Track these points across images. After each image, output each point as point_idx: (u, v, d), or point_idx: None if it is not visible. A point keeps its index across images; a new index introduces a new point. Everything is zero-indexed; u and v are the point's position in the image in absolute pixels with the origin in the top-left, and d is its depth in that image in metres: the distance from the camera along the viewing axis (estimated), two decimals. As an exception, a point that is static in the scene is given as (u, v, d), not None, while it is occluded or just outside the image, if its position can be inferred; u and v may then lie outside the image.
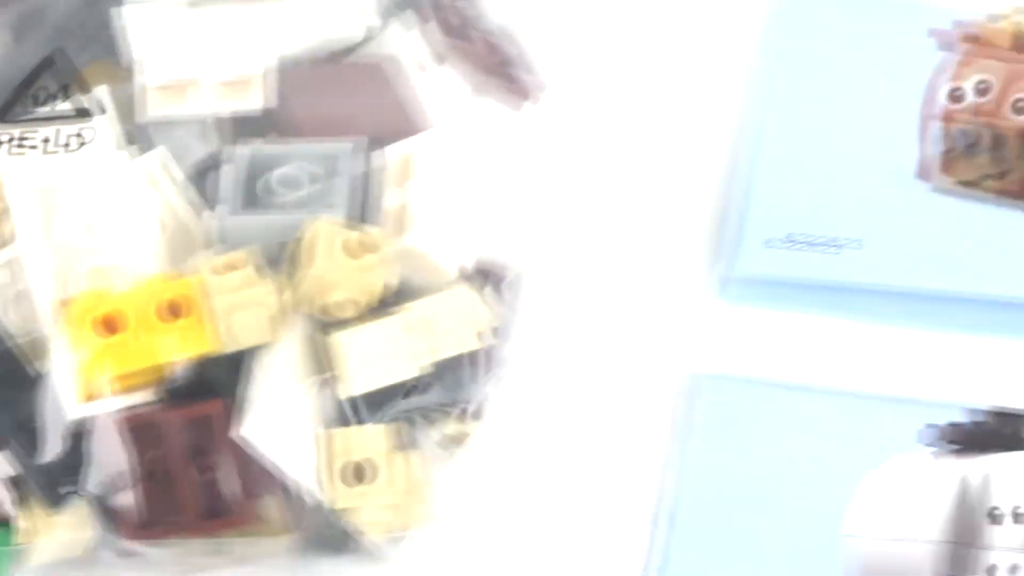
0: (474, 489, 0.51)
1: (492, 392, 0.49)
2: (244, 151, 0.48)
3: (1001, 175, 0.54)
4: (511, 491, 0.52)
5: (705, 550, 0.49)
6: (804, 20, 0.59)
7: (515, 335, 0.51)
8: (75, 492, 0.47)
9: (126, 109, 0.50)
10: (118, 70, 0.50)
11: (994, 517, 0.49)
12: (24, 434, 0.48)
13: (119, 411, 0.46)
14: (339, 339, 0.46)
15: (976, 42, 0.54)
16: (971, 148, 0.54)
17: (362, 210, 0.48)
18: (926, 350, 0.54)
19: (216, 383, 0.47)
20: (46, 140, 0.50)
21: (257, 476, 0.47)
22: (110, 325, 0.46)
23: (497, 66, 0.54)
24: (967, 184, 0.53)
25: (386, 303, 0.47)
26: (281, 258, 0.47)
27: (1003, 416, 0.51)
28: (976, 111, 0.54)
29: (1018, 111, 0.54)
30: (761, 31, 0.60)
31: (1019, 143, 0.54)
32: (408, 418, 0.48)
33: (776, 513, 0.50)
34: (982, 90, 0.54)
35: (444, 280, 0.48)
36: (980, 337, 0.53)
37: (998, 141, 0.54)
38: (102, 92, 0.50)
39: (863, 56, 0.57)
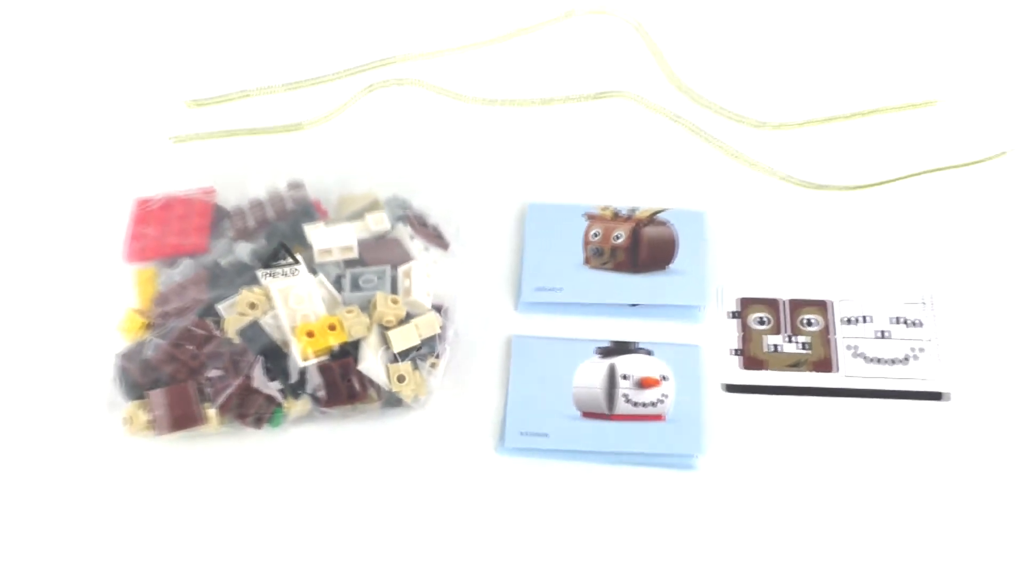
0: (440, 384, 0.80)
1: (443, 350, 0.80)
2: (349, 271, 0.81)
3: (607, 263, 0.87)
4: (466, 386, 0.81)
5: (526, 412, 0.80)
6: (540, 213, 0.90)
7: (448, 330, 0.81)
8: (303, 392, 0.78)
9: (309, 260, 0.81)
10: (305, 248, 0.82)
11: (622, 376, 0.81)
12: (283, 375, 0.78)
13: (315, 363, 0.77)
14: (389, 333, 0.78)
15: (594, 216, 0.88)
16: (597, 253, 0.87)
17: (393, 289, 0.80)
18: (592, 326, 0.84)
19: (349, 352, 0.78)
20: (282, 273, 0.79)
21: (366, 382, 0.78)
22: (310, 333, 0.77)
23: (434, 236, 0.85)
24: (598, 267, 0.87)
25: (403, 320, 0.79)
26: (367, 307, 0.79)
27: (619, 343, 0.83)
28: (598, 241, 0.88)
29: (616, 238, 0.87)
30: (527, 216, 0.89)
31: (613, 251, 0.87)
32: (416, 358, 0.79)
33: (553, 384, 0.81)
34: (598, 234, 0.88)
35: (424, 311, 0.80)
36: (616, 319, 0.85)
37: (606, 251, 0.87)
38: (300, 257, 0.80)
39: (563, 223, 0.89)
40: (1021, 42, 1.01)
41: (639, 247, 0.88)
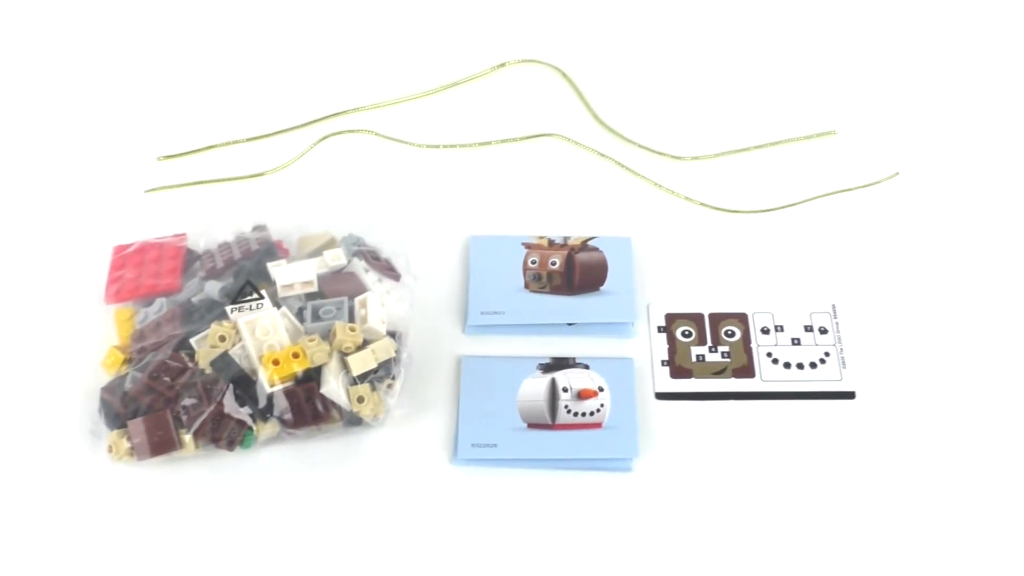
0: (397, 403, 0.79)
1: (399, 372, 0.79)
2: (310, 303, 0.81)
3: (545, 287, 0.87)
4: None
5: (476, 425, 0.79)
6: (482, 244, 0.90)
7: (402, 354, 0.80)
8: (272, 415, 0.78)
9: (273, 295, 0.80)
10: (269, 284, 0.81)
11: (562, 389, 0.82)
12: (252, 400, 0.77)
13: (281, 388, 0.77)
14: (349, 358, 0.77)
15: (532, 246, 0.89)
16: (536, 278, 0.87)
17: (350, 318, 0.80)
18: (534, 345, 0.84)
19: (312, 377, 0.78)
20: (249, 307, 0.79)
21: (329, 404, 0.77)
22: (275, 361, 0.77)
23: (387, 268, 0.85)
24: (537, 291, 0.87)
25: (361, 346, 0.78)
26: (327, 335, 0.79)
27: (559, 359, 0.83)
28: (536, 267, 0.88)
29: (552, 264, 0.88)
30: (470, 247, 0.90)
31: (550, 276, 0.88)
32: (374, 380, 0.79)
33: (500, 399, 0.81)
34: (535, 261, 0.89)
35: (379, 337, 0.79)
36: (555, 338, 0.85)
37: (543, 276, 0.88)
38: (265, 292, 0.80)
39: (503, 252, 0.89)
40: (906, 77, 1.04)
41: (573, 271, 0.89)
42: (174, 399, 0.78)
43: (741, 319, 0.87)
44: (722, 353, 0.85)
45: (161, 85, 1.03)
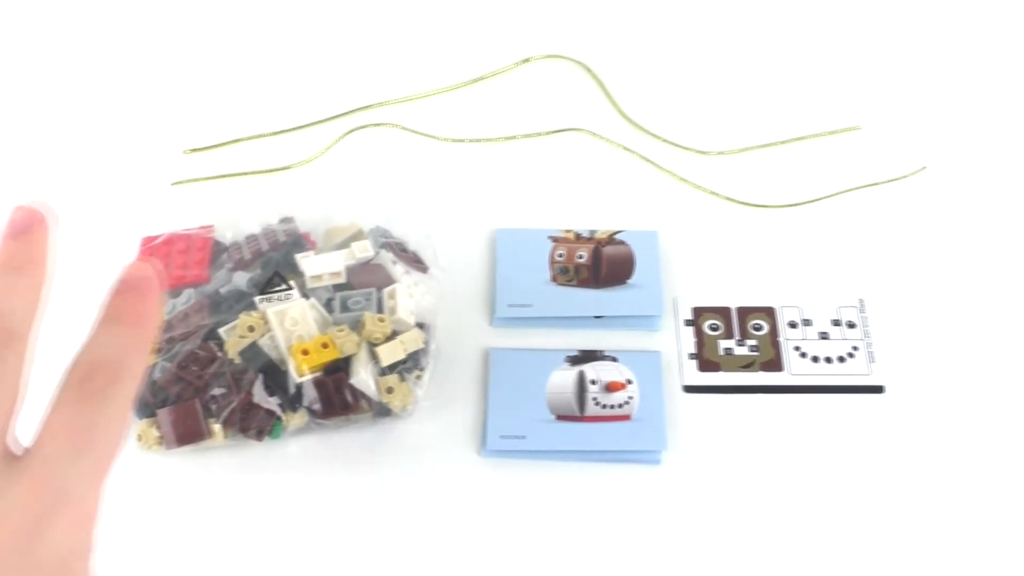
0: (425, 394, 0.78)
1: (427, 363, 0.79)
2: (339, 294, 0.79)
3: (572, 280, 0.86)
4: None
5: (504, 417, 0.79)
6: (508, 237, 0.89)
7: (431, 345, 0.79)
8: (301, 405, 0.76)
9: (301, 286, 0.79)
10: (297, 276, 0.80)
11: (590, 381, 0.81)
12: (281, 390, 0.76)
13: (311, 378, 0.75)
14: (378, 349, 0.76)
15: (559, 239, 0.88)
16: (563, 271, 0.86)
17: (379, 309, 0.78)
18: (561, 337, 0.84)
19: (341, 367, 0.77)
20: (278, 298, 0.78)
21: (358, 395, 0.76)
22: (305, 351, 0.75)
23: (414, 260, 0.84)
24: (564, 284, 0.86)
25: (390, 337, 0.77)
26: (356, 326, 0.77)
27: (586, 351, 0.82)
28: (562, 261, 0.88)
29: (579, 258, 0.87)
30: (497, 240, 0.89)
31: (577, 269, 0.87)
32: (403, 371, 0.77)
33: (529, 391, 0.80)
34: (562, 254, 0.88)
35: (408, 328, 0.78)
36: (582, 331, 0.84)
37: (570, 270, 0.87)
38: (293, 283, 0.79)
39: (529, 245, 0.88)
40: (930, 71, 1.03)
41: (600, 265, 0.89)
42: (203, 389, 0.77)
43: (768, 313, 0.86)
44: (750, 347, 0.84)
45: (188, 79, 1.03)
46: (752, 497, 0.77)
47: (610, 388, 0.82)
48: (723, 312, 0.87)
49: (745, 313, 0.87)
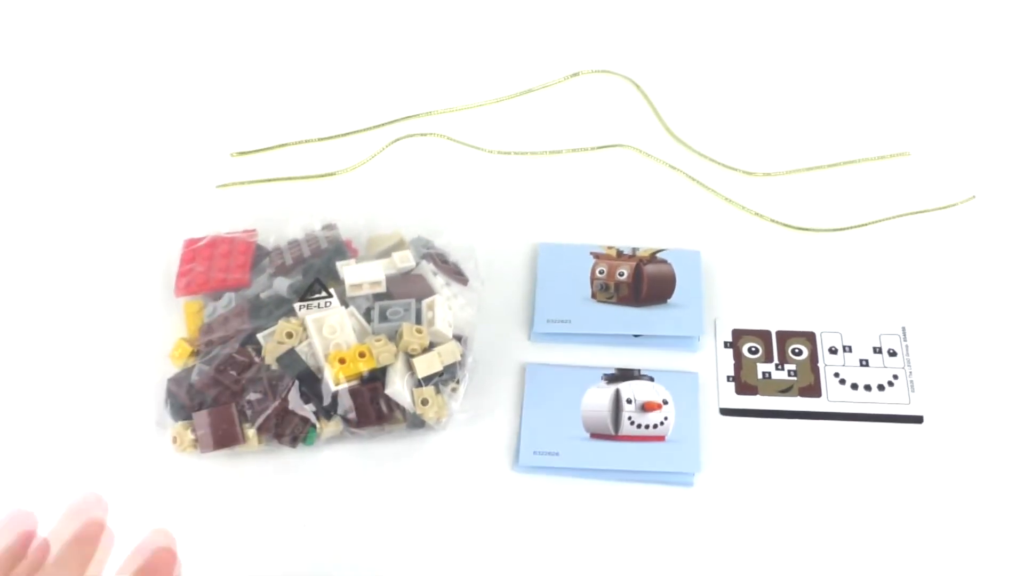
0: (460, 407, 0.78)
1: (463, 376, 0.78)
2: (378, 304, 0.79)
3: (612, 297, 0.85)
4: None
5: (539, 433, 0.78)
6: (550, 252, 0.88)
7: (468, 358, 0.79)
8: (335, 414, 0.76)
9: (341, 294, 0.79)
10: (337, 283, 0.80)
11: (626, 400, 0.80)
12: (317, 398, 0.76)
13: (346, 387, 0.76)
14: (414, 360, 0.76)
15: (600, 255, 0.87)
16: (603, 288, 0.85)
17: (417, 320, 0.78)
18: (599, 355, 0.83)
19: (378, 377, 0.76)
20: (317, 305, 0.78)
21: (393, 405, 0.76)
22: (342, 360, 0.75)
23: (454, 272, 0.83)
24: (604, 301, 0.85)
25: (427, 348, 0.77)
26: (394, 336, 0.77)
27: (623, 370, 0.81)
28: (603, 277, 0.86)
29: (620, 275, 0.85)
30: (539, 254, 0.88)
31: (618, 287, 0.86)
32: (438, 383, 0.77)
33: (564, 408, 0.79)
34: (603, 271, 0.86)
35: (446, 340, 0.78)
36: (620, 349, 0.83)
37: (611, 287, 0.86)
38: (333, 290, 0.79)
39: (571, 261, 0.87)
40: (982, 100, 1.01)
41: (641, 283, 0.87)
42: (239, 393, 0.76)
43: (809, 338, 0.84)
44: (789, 371, 0.82)
45: (237, 83, 1.03)
46: (784, 524, 0.76)
47: (646, 408, 0.80)
48: (763, 335, 0.85)
49: (785, 337, 0.85)
